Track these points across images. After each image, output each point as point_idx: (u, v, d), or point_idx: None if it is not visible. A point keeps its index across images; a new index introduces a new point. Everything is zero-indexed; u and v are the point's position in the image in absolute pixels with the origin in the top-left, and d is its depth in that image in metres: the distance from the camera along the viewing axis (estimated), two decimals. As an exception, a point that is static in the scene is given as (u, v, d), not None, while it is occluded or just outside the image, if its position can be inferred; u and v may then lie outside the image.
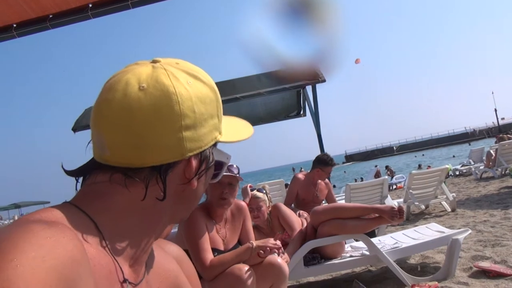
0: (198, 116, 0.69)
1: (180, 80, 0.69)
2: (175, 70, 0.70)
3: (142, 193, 0.67)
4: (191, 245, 2.39)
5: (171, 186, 0.69)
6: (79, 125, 5.89)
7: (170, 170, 0.68)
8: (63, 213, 0.61)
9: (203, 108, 0.70)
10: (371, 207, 3.52)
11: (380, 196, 6.25)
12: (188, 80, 0.70)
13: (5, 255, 0.47)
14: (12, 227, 0.53)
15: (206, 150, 0.72)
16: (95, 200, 0.66)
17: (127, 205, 0.67)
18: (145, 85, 0.66)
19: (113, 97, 0.67)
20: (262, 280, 2.49)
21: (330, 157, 4.68)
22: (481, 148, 14.90)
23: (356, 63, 25.02)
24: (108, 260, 0.63)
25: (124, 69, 0.71)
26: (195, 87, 0.70)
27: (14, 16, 2.58)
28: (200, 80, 0.72)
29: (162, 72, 0.69)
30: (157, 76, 0.68)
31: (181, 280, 0.86)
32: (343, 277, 4.11)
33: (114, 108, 0.66)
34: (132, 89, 0.66)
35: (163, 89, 0.66)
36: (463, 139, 69.35)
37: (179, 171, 0.69)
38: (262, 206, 3.45)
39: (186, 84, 0.69)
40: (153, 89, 0.66)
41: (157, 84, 0.67)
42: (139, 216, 0.68)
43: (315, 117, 6.19)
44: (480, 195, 8.36)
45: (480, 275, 3.43)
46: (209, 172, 0.76)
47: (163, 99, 0.66)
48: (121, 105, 0.65)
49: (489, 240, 4.49)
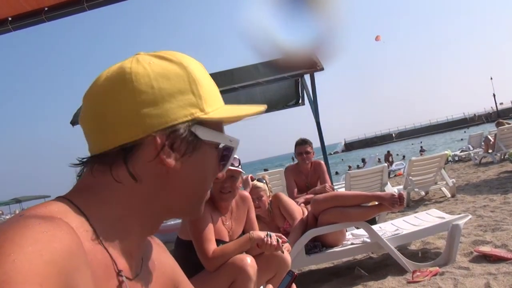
0: (158, 91, 0.67)
1: (141, 62, 0.69)
2: (143, 56, 0.71)
3: (114, 177, 0.67)
4: (195, 235, 2.39)
5: (144, 167, 0.68)
6: (77, 118, 5.85)
7: (135, 149, 0.67)
8: (58, 208, 0.62)
9: (166, 84, 0.68)
10: (372, 195, 3.54)
11: (380, 183, 6.26)
12: (151, 60, 0.70)
13: (3, 250, 0.48)
14: (8, 223, 0.54)
15: (178, 126, 0.68)
16: (82, 193, 0.67)
17: (109, 193, 0.67)
18: (109, 75, 0.69)
19: (87, 91, 0.72)
20: (265, 270, 2.51)
21: (301, 138, 4.70)
22: (480, 133, 14.91)
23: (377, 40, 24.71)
24: (104, 253, 0.63)
25: None
26: (156, 65, 0.69)
27: (9, 9, 2.54)
28: (165, 59, 0.71)
29: (129, 59, 0.71)
30: (122, 64, 0.70)
31: (177, 273, 0.86)
32: (345, 265, 4.14)
33: (85, 100, 0.71)
34: (99, 79, 0.70)
35: (119, 72, 0.69)
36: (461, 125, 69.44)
37: (148, 150, 0.67)
38: (263, 196, 3.45)
39: (147, 64, 0.69)
40: (113, 74, 0.69)
41: (118, 70, 0.69)
42: (126, 206, 0.68)
43: (314, 106, 6.15)
44: (480, 180, 8.40)
45: (481, 259, 3.45)
46: (198, 154, 0.71)
47: (118, 80, 0.68)
48: (89, 95, 0.71)
49: (489, 225, 4.52)
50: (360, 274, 3.63)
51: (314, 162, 4.66)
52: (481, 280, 2.97)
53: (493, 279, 2.93)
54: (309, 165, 4.62)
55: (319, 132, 6.25)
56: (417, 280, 3.21)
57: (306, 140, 4.64)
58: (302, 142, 4.62)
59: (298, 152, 4.60)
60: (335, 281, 3.62)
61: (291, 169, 4.72)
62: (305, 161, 4.56)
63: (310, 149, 4.61)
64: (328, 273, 3.97)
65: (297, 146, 4.64)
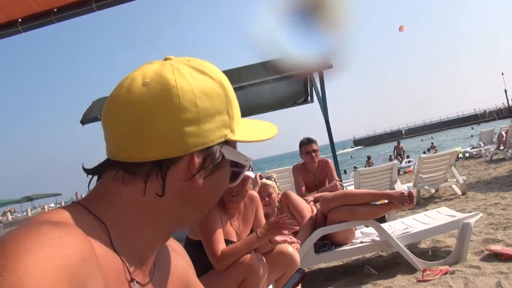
0: (201, 110, 0.67)
1: (184, 74, 0.67)
2: (182, 66, 0.69)
3: (143, 189, 0.66)
4: (205, 236, 2.40)
5: (174, 183, 0.67)
6: (87, 117, 5.90)
7: (171, 166, 0.66)
8: (70, 214, 0.62)
9: (208, 103, 0.68)
10: (381, 193, 3.52)
11: (389, 181, 6.23)
12: (193, 74, 0.68)
13: (15, 256, 0.48)
14: (20, 228, 0.54)
15: (213, 147, 0.69)
16: (100, 200, 0.67)
17: (130, 203, 0.67)
18: (148, 80, 0.66)
19: (118, 93, 0.68)
20: (274, 269, 2.51)
21: (305, 137, 4.68)
22: (491, 129, 14.73)
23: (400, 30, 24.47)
24: (116, 260, 0.63)
25: (138, 67, 0.72)
26: (200, 81, 0.68)
27: (19, 11, 2.57)
28: (206, 75, 0.70)
29: (168, 67, 0.68)
30: (161, 71, 0.67)
31: (190, 276, 0.86)
32: (354, 263, 4.13)
33: (119, 102, 0.67)
34: (137, 84, 0.67)
35: (164, 83, 0.66)
36: (472, 121, 68.73)
37: (182, 167, 0.67)
38: (272, 193, 3.46)
39: (190, 78, 0.68)
40: (155, 83, 0.66)
41: (159, 79, 0.66)
42: (144, 215, 0.68)
43: (323, 103, 6.13)
44: (491, 177, 8.31)
45: (491, 258, 3.42)
46: (220, 173, 0.73)
47: (163, 92, 0.65)
48: (125, 99, 0.66)
49: (500, 223, 4.47)
50: (370, 273, 3.62)
51: (321, 160, 4.63)
52: (492, 279, 2.94)
53: (504, 278, 2.91)
54: (317, 164, 4.60)
55: (328, 129, 6.23)
56: (427, 279, 3.19)
57: (311, 139, 4.61)
58: (307, 141, 4.60)
59: (305, 151, 4.58)
60: (345, 280, 3.61)
61: (299, 168, 4.70)
62: (314, 159, 4.53)
63: (316, 147, 4.59)
64: (337, 272, 3.96)
65: (303, 146, 4.61)
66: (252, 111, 7.65)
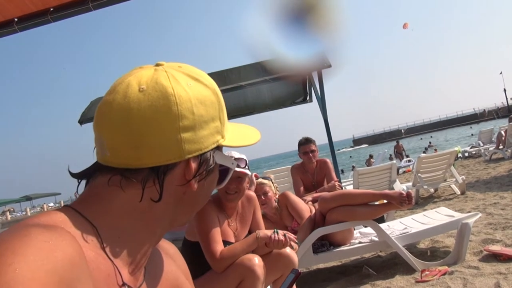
0: (197, 118, 0.69)
1: (180, 82, 0.69)
2: (176, 73, 0.70)
3: (139, 194, 0.66)
4: (202, 237, 2.39)
5: (170, 188, 0.69)
6: (85, 117, 5.89)
7: (168, 172, 0.67)
8: (62, 217, 0.62)
9: (203, 110, 0.70)
10: (380, 193, 3.51)
11: (388, 181, 6.23)
12: (188, 82, 0.70)
13: (4, 259, 0.48)
14: (10, 231, 0.54)
15: (207, 153, 0.71)
16: (93, 203, 0.67)
17: (125, 207, 0.67)
18: (144, 87, 0.67)
19: (113, 99, 0.67)
20: (272, 270, 2.50)
21: (304, 137, 4.68)
22: (490, 129, 14.73)
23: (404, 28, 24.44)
24: (107, 263, 0.63)
25: (128, 72, 0.73)
26: (195, 89, 0.70)
27: (15, 10, 2.56)
28: (200, 83, 0.72)
29: (163, 74, 0.69)
30: (157, 78, 0.68)
31: (181, 281, 0.86)
32: (353, 263, 4.12)
33: (114, 109, 0.66)
34: (132, 90, 0.67)
35: (161, 90, 0.67)
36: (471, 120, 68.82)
37: (178, 173, 0.69)
38: (269, 192, 3.45)
39: (186, 86, 0.69)
40: (152, 90, 0.67)
41: (156, 86, 0.67)
42: (138, 220, 0.68)
43: (322, 103, 6.12)
44: (490, 177, 8.31)
45: (490, 258, 3.41)
46: (211, 177, 0.75)
47: (161, 99, 0.66)
48: (121, 106, 0.66)
49: (499, 223, 4.46)
50: (368, 273, 3.61)
51: (319, 160, 4.63)
52: (491, 280, 2.93)
53: (503, 279, 2.90)
54: (315, 164, 4.60)
55: (327, 129, 6.22)
56: (426, 279, 3.18)
57: (310, 138, 4.62)
58: (306, 141, 4.60)
59: (304, 151, 4.58)
60: (343, 280, 3.60)
61: (297, 168, 4.70)
62: (312, 159, 4.54)
63: (315, 147, 4.59)
64: (336, 272, 3.96)
65: (301, 146, 4.62)
66: (251, 111, 7.64)
